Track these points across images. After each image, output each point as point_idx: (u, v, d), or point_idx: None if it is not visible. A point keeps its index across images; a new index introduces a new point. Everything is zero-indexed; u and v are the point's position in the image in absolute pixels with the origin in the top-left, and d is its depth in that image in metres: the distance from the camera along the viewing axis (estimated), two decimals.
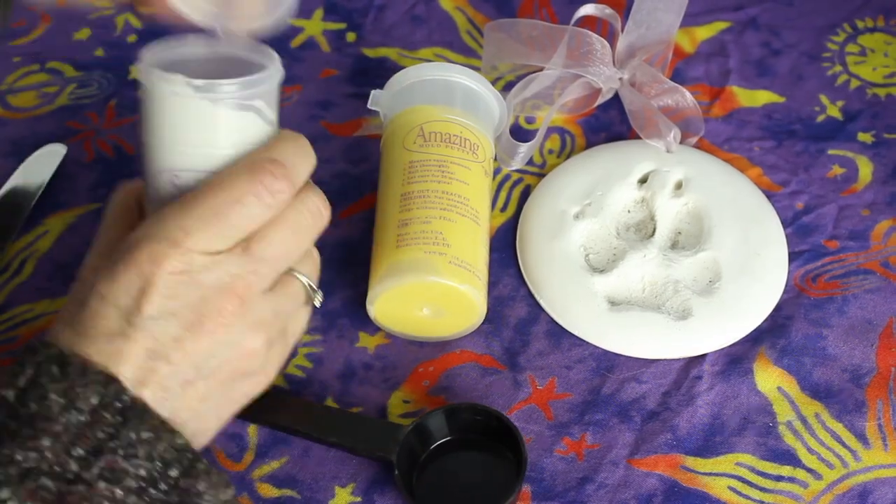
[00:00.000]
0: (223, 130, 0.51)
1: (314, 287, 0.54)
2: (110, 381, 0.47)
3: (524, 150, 0.69)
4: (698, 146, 0.70)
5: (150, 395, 0.48)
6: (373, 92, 0.67)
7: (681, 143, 0.69)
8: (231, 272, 0.49)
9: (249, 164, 0.50)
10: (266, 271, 0.51)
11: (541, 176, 0.70)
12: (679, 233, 0.67)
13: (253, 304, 0.50)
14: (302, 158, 0.52)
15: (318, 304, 0.55)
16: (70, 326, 0.48)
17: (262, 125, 0.51)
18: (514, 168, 0.70)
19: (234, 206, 0.49)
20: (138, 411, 0.47)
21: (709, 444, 0.59)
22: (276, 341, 0.53)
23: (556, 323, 0.64)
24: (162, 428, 0.47)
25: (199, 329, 0.49)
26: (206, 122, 0.50)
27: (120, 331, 0.48)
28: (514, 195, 0.69)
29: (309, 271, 0.54)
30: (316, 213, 0.53)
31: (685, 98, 0.69)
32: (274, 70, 0.51)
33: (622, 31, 0.70)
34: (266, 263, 0.51)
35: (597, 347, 0.63)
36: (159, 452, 0.47)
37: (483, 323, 0.63)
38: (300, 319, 0.55)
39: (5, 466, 0.45)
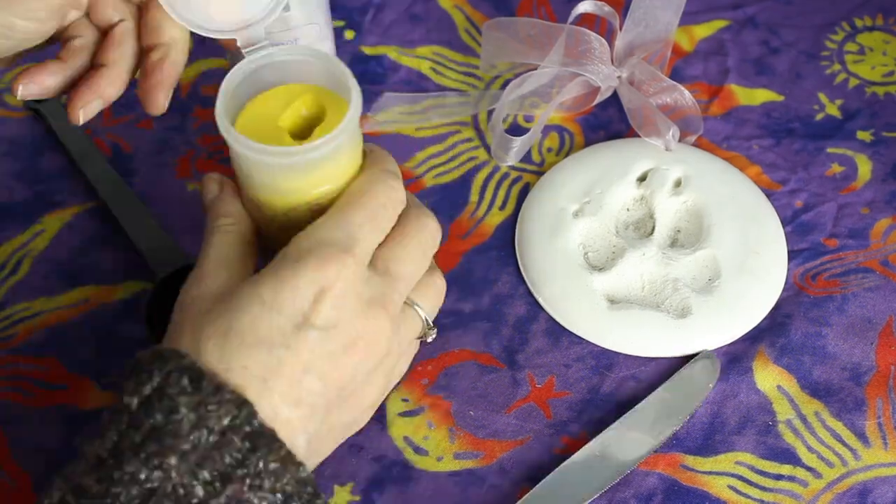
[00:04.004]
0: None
1: (430, 322, 0.51)
2: (243, 402, 0.43)
3: (517, 144, 0.69)
4: (697, 144, 0.70)
5: (299, 416, 0.45)
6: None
7: (679, 141, 0.69)
8: (381, 290, 0.47)
9: (373, 175, 0.48)
10: (403, 291, 0.48)
11: (539, 174, 0.70)
12: (678, 231, 0.67)
13: (397, 326, 0.47)
14: (397, 170, 0.50)
15: (430, 340, 0.51)
16: (215, 338, 0.44)
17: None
18: (509, 164, 0.70)
19: (381, 212, 0.47)
20: (267, 439, 0.43)
21: (708, 442, 0.59)
22: (386, 376, 0.49)
23: (555, 321, 0.64)
24: (288, 459, 0.44)
25: (353, 348, 0.46)
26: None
27: (284, 341, 0.44)
28: (513, 193, 0.69)
29: (430, 304, 0.51)
30: (435, 233, 0.50)
31: (684, 96, 0.69)
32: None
33: (620, 29, 0.70)
34: (402, 283, 0.48)
35: (596, 345, 0.63)
36: (282, 485, 0.43)
37: (482, 321, 0.63)
38: (409, 356, 0.51)
39: (127, 486, 0.41)
